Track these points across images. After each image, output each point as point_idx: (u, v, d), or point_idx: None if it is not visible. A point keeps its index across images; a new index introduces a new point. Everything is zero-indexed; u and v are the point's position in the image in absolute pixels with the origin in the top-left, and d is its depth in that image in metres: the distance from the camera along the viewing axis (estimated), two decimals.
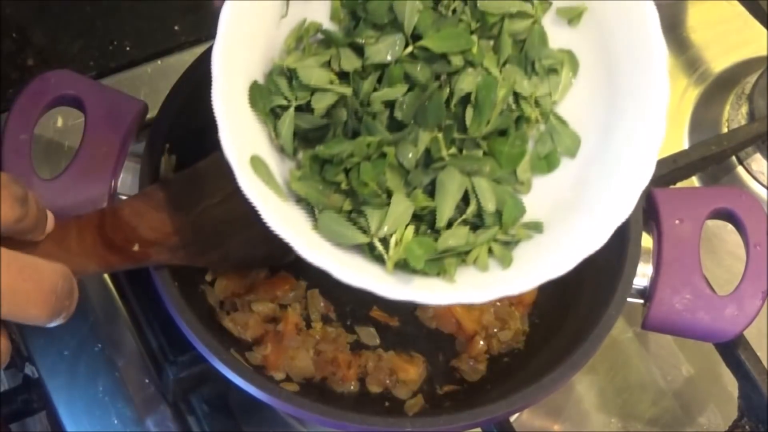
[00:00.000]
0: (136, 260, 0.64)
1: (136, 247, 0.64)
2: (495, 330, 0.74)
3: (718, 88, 0.99)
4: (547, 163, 0.63)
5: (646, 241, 0.70)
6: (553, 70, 0.63)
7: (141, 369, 0.79)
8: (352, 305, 0.77)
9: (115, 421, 0.76)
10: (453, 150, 0.60)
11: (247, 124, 0.59)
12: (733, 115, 0.96)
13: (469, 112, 0.60)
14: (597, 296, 0.69)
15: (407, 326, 0.76)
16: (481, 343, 0.74)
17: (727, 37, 1.03)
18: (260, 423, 0.78)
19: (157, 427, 0.76)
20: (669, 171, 0.82)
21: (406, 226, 0.58)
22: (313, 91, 0.60)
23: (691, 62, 1.02)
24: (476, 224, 0.60)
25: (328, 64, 0.61)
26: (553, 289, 0.76)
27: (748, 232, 0.70)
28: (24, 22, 0.93)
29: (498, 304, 0.76)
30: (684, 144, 0.96)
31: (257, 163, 0.57)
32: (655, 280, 0.69)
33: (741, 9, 1.00)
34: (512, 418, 0.76)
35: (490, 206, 0.59)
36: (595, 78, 0.63)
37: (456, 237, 0.59)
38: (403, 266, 0.57)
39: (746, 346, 0.74)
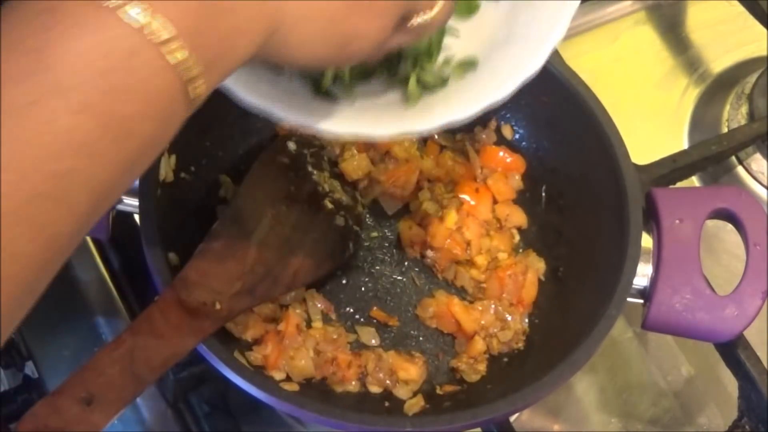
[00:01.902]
0: (224, 317, 0.65)
1: (218, 306, 0.65)
2: (495, 330, 0.74)
3: (718, 88, 0.99)
4: (467, 7, 0.64)
5: (646, 241, 0.70)
6: None
7: None
8: (352, 305, 0.77)
9: (115, 421, 0.76)
10: None
11: None
12: (733, 115, 0.96)
13: None
14: (597, 296, 0.69)
15: (407, 326, 0.76)
16: (481, 343, 0.74)
17: (727, 37, 1.03)
18: (260, 423, 0.78)
19: (157, 427, 0.76)
20: (669, 171, 0.82)
21: None
22: None
23: (691, 62, 1.02)
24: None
25: None
26: (553, 289, 0.77)
27: (748, 232, 0.70)
28: None
29: (498, 305, 0.76)
30: (684, 144, 0.96)
31: None
32: (655, 280, 0.69)
33: (741, 9, 1.00)
34: (512, 418, 0.76)
35: None
36: None
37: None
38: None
39: (746, 346, 0.74)
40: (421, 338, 0.76)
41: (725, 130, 0.95)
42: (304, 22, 0.47)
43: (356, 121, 0.59)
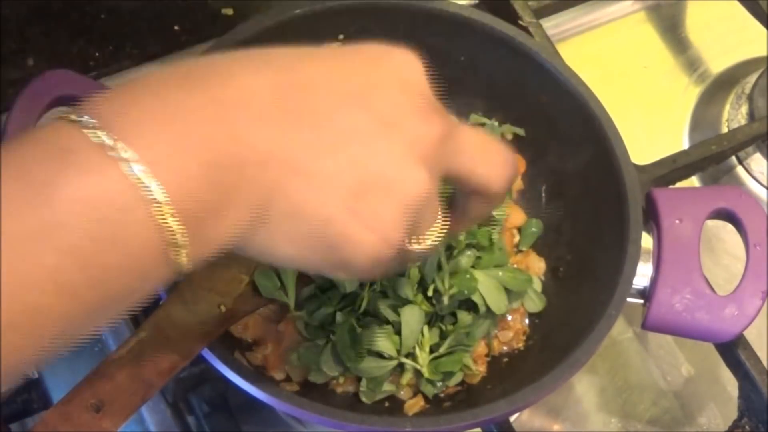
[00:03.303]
0: (230, 319, 0.65)
1: (223, 308, 0.65)
2: (495, 330, 0.74)
3: (718, 88, 0.99)
4: None
5: (646, 241, 0.70)
6: None
7: None
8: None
9: None
10: None
11: None
12: (733, 115, 0.96)
13: None
14: (597, 296, 0.69)
15: None
16: (482, 344, 0.74)
17: (727, 37, 1.03)
18: (260, 423, 0.78)
19: (157, 427, 0.76)
20: (669, 171, 0.82)
21: None
22: None
23: (691, 62, 1.02)
24: None
25: None
26: (553, 289, 0.76)
27: (748, 232, 0.70)
28: (24, 22, 0.92)
29: None
30: (684, 144, 0.96)
31: None
32: (655, 280, 0.69)
33: (741, 9, 1.00)
34: (512, 418, 0.76)
35: None
36: None
37: None
38: None
39: (746, 346, 0.74)
40: None
41: (725, 130, 0.94)
42: (296, 214, 0.45)
43: None
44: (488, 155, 0.51)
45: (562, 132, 0.78)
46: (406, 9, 0.76)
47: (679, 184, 0.85)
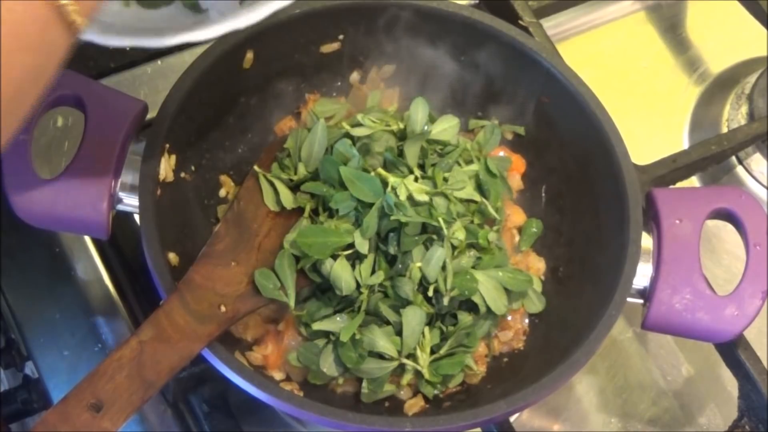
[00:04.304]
0: (229, 319, 0.66)
1: (223, 308, 0.65)
2: (495, 330, 0.74)
3: (718, 88, 0.99)
4: None
5: (646, 241, 0.70)
6: None
7: None
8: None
9: None
10: None
11: None
12: (733, 115, 0.96)
13: None
14: (597, 296, 0.69)
15: None
16: (482, 345, 0.74)
17: (727, 37, 1.03)
18: (260, 423, 0.78)
19: (157, 427, 0.76)
20: (669, 171, 0.82)
21: None
22: None
23: (691, 62, 1.02)
24: None
25: None
26: (553, 289, 0.77)
27: (748, 232, 0.70)
28: None
29: None
30: (684, 144, 0.96)
31: None
32: (655, 280, 0.69)
33: (741, 9, 1.00)
34: (512, 418, 0.76)
35: None
36: None
37: None
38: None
39: (746, 346, 0.74)
40: None
41: (725, 130, 0.95)
42: None
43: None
44: None
45: (562, 132, 0.78)
46: (406, 9, 0.77)
47: (679, 184, 0.85)
